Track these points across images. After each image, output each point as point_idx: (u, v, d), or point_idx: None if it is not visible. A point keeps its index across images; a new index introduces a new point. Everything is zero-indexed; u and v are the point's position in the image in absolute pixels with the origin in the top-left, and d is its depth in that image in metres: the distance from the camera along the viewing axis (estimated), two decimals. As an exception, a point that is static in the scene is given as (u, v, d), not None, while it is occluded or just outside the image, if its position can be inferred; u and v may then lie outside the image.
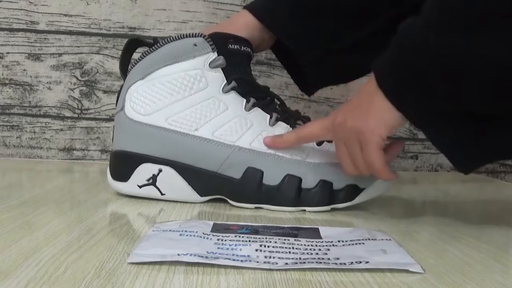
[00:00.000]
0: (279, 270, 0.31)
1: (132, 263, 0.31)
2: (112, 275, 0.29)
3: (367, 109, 0.44)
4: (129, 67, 0.53)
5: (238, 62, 0.52)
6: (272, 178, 0.49)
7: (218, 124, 0.50)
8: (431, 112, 0.41)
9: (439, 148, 0.43)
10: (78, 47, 0.82)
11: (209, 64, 0.50)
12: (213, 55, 0.51)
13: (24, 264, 0.30)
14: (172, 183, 0.50)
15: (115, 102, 0.55)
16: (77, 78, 0.82)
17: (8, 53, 0.81)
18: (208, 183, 0.50)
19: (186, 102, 0.50)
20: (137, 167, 0.51)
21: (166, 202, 0.51)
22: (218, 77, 0.51)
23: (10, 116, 0.82)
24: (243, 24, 0.55)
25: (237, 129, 0.50)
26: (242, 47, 0.53)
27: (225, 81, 0.51)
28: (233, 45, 0.52)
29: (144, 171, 0.50)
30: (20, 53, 0.81)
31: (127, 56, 0.54)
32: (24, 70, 0.82)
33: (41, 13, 0.81)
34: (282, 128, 0.52)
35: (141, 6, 0.82)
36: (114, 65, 0.82)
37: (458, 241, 0.40)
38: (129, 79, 0.52)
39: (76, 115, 0.83)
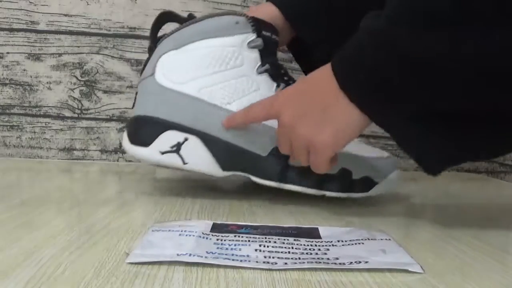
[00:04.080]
0: (278, 270, 0.31)
1: (131, 263, 0.31)
2: (111, 275, 0.29)
3: (323, 117, 0.41)
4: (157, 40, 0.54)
5: (269, 48, 0.53)
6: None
7: (249, 102, 0.50)
8: (397, 113, 0.40)
9: (406, 150, 0.42)
10: (78, 47, 0.82)
11: (247, 44, 0.52)
12: (253, 36, 0.52)
13: (24, 264, 0.30)
14: (197, 153, 0.50)
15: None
16: (77, 78, 0.82)
17: (8, 53, 0.81)
18: (234, 157, 0.50)
19: (221, 76, 0.51)
20: (161, 133, 0.50)
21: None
22: (254, 58, 0.52)
23: (10, 116, 0.82)
24: (267, 14, 0.55)
25: None
26: (272, 35, 0.54)
27: (260, 63, 0.52)
28: (266, 32, 0.53)
29: (169, 138, 0.50)
30: (20, 53, 0.81)
31: (157, 27, 0.55)
32: (24, 70, 0.82)
33: (41, 13, 0.81)
34: None
35: (141, 6, 0.82)
36: (114, 65, 0.82)
37: (458, 241, 0.40)
38: (162, 47, 0.52)
39: (76, 115, 0.83)
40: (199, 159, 0.50)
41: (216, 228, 0.39)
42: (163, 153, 0.50)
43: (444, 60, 0.36)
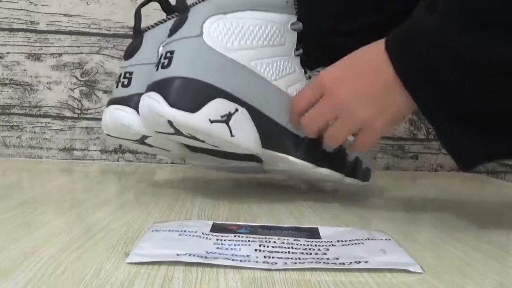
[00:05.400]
0: (278, 270, 0.31)
1: (131, 263, 0.31)
2: (111, 275, 0.29)
3: (384, 104, 0.43)
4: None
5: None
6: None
7: (290, 82, 0.51)
8: (443, 109, 0.41)
9: (443, 144, 0.44)
10: (78, 47, 0.82)
11: (291, 25, 0.52)
12: (295, 18, 0.52)
13: (23, 264, 0.30)
14: (244, 126, 0.48)
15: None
16: (77, 78, 0.82)
17: (8, 53, 0.81)
18: (274, 135, 0.50)
19: (269, 51, 0.50)
20: (211, 100, 0.46)
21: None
22: (293, 39, 0.52)
23: (10, 116, 0.82)
24: None
25: None
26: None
27: (295, 46, 0.53)
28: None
29: (220, 106, 0.46)
30: (20, 53, 0.81)
31: None
32: (24, 70, 0.82)
33: (41, 13, 0.81)
34: None
35: (141, 6, 0.82)
36: (114, 65, 0.82)
37: (458, 241, 0.40)
38: (204, 9, 0.49)
39: (76, 115, 0.83)
40: (245, 132, 0.48)
41: (216, 228, 0.39)
42: (212, 121, 0.46)
43: (494, 62, 0.37)
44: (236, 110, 0.47)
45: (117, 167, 0.78)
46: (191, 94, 0.46)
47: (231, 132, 0.46)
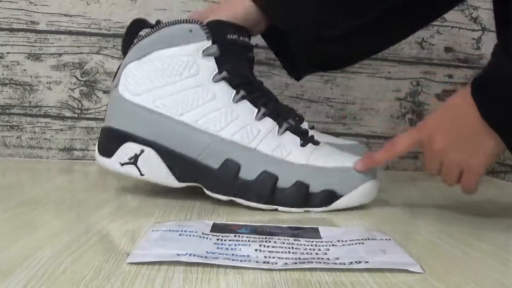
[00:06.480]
0: (278, 270, 0.31)
1: (131, 263, 0.31)
2: (111, 275, 0.29)
3: (474, 145, 0.46)
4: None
5: (234, 52, 0.52)
6: (248, 172, 0.49)
7: (203, 112, 0.50)
8: None
9: None
10: (78, 47, 0.82)
11: (202, 52, 0.51)
12: (207, 43, 0.51)
13: (24, 264, 0.30)
14: (153, 165, 0.51)
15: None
16: (77, 78, 0.82)
17: (8, 53, 0.81)
18: (187, 169, 0.51)
19: (175, 87, 0.50)
20: (121, 144, 0.51)
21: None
22: (209, 66, 0.51)
23: (10, 116, 0.82)
24: (241, 3, 0.54)
25: (221, 120, 0.50)
26: (241, 37, 0.53)
27: (217, 71, 0.51)
28: (231, 35, 0.52)
29: (128, 149, 0.51)
30: (20, 53, 0.81)
31: (130, 36, 0.54)
32: (24, 70, 0.82)
33: (41, 13, 0.81)
34: (268, 123, 0.51)
35: (141, 6, 0.82)
36: (114, 65, 0.82)
37: (458, 241, 0.40)
38: (127, 58, 0.53)
39: (76, 115, 0.83)
40: (154, 170, 0.51)
41: (216, 228, 0.39)
42: (122, 164, 0.52)
43: None
44: (142, 151, 0.51)
45: (117, 167, 0.77)
46: (108, 142, 0.53)
47: (140, 172, 0.52)
